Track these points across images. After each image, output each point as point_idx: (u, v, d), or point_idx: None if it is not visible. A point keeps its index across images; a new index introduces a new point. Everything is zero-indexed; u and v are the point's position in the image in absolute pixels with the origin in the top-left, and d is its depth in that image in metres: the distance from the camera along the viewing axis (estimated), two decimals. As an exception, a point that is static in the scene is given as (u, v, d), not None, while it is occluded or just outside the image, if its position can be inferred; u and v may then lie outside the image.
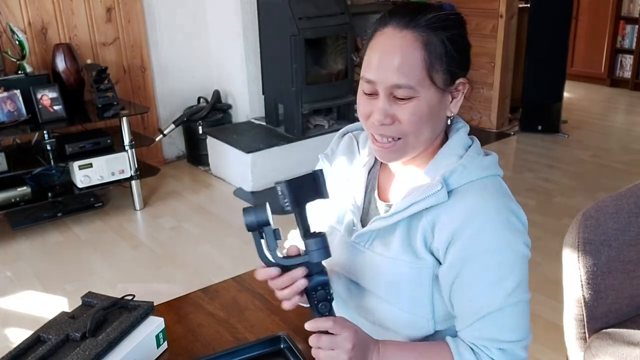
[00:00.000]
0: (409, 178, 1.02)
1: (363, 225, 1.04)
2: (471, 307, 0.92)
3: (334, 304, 0.94)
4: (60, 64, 3.37)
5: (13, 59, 3.35)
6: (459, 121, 1.02)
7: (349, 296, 1.08)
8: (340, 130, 1.19)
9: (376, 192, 1.07)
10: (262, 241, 0.91)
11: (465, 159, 0.95)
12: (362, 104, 0.98)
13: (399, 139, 0.95)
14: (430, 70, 0.91)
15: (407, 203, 0.94)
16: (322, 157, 1.16)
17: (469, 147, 0.99)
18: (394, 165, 1.04)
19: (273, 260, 0.92)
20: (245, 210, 0.89)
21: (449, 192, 0.92)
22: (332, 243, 1.09)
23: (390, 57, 0.91)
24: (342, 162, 1.13)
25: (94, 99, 3.48)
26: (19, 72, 3.32)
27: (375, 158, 1.09)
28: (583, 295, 1.48)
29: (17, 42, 3.32)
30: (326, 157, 1.16)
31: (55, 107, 3.25)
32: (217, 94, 4.24)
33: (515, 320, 0.92)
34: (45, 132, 3.39)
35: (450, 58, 0.93)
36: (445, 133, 1.02)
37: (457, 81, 0.96)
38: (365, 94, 0.96)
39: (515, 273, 0.90)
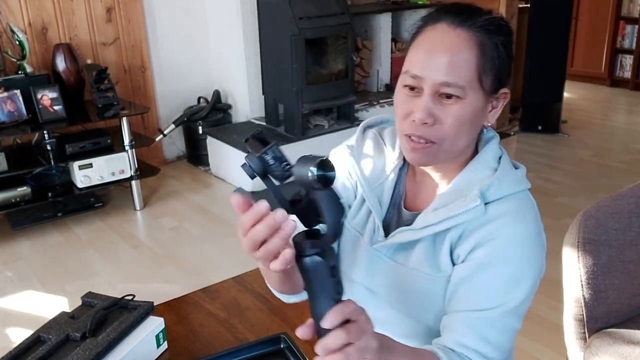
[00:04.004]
0: (437, 187, 0.98)
1: (385, 232, 1.00)
2: (470, 309, 0.89)
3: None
4: (61, 64, 3.37)
5: (13, 59, 3.35)
6: (489, 130, 0.98)
7: (365, 307, 1.02)
8: (362, 124, 1.11)
9: (403, 199, 1.02)
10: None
11: (500, 173, 0.92)
12: (402, 102, 0.92)
13: (434, 143, 0.90)
14: (482, 72, 0.88)
15: (441, 217, 0.91)
16: (348, 148, 1.06)
17: (499, 158, 0.96)
18: (422, 171, 0.99)
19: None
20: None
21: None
22: (354, 249, 1.03)
23: (441, 53, 0.87)
24: (369, 163, 1.06)
25: (94, 99, 3.48)
26: (19, 72, 3.33)
27: (404, 162, 1.03)
28: (583, 295, 1.48)
29: (17, 42, 3.33)
30: (351, 149, 1.06)
31: (56, 107, 3.25)
32: (217, 94, 4.23)
33: (501, 340, 0.89)
34: (45, 132, 3.39)
35: (502, 63, 0.90)
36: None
37: (501, 90, 0.93)
38: (407, 88, 0.91)
39: (523, 287, 0.89)
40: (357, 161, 1.05)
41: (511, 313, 0.88)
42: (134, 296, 1.17)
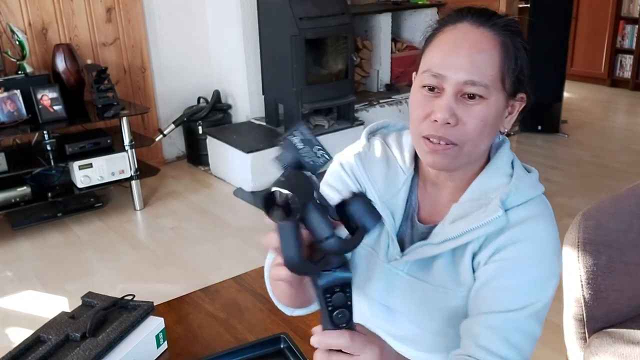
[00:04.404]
0: (451, 196, 0.94)
1: (400, 247, 0.96)
2: (490, 313, 0.86)
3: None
4: (61, 64, 3.37)
5: (13, 59, 3.35)
6: (497, 134, 0.95)
7: (384, 324, 0.99)
8: (365, 132, 1.06)
9: (416, 211, 0.98)
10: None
11: (516, 179, 0.90)
12: (421, 103, 0.88)
13: (455, 145, 0.87)
14: (504, 72, 0.87)
15: (462, 230, 0.87)
16: (356, 157, 1.01)
17: (511, 162, 0.94)
18: (434, 181, 0.96)
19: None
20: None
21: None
22: (367, 266, 0.99)
23: (465, 51, 0.85)
24: (379, 174, 0.99)
25: (94, 99, 3.48)
26: (19, 72, 3.33)
27: (414, 172, 0.99)
28: (583, 295, 1.48)
29: (17, 43, 3.32)
30: (360, 158, 1.01)
31: (56, 108, 3.25)
32: (217, 94, 4.24)
33: (525, 345, 0.86)
34: (45, 132, 3.39)
35: (523, 64, 0.89)
36: None
37: (519, 94, 0.92)
38: (426, 88, 0.88)
39: (546, 289, 0.87)
40: (368, 173, 0.99)
41: (535, 316, 0.86)
42: (134, 296, 1.17)
